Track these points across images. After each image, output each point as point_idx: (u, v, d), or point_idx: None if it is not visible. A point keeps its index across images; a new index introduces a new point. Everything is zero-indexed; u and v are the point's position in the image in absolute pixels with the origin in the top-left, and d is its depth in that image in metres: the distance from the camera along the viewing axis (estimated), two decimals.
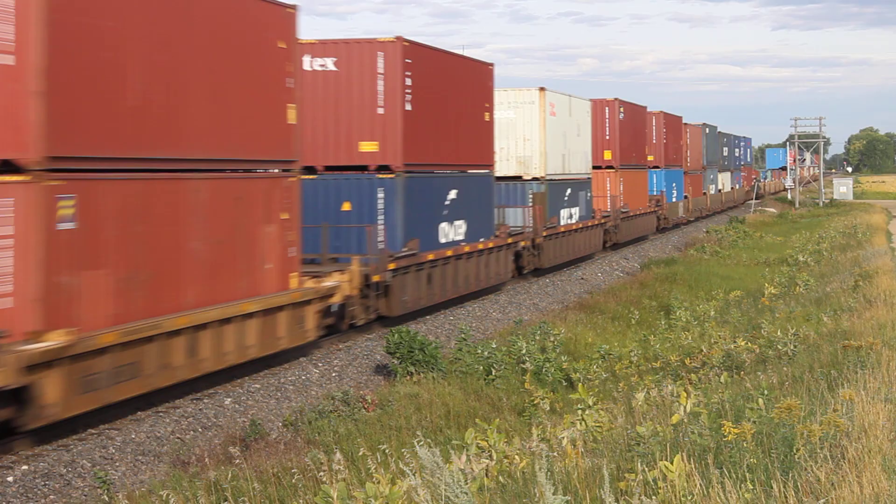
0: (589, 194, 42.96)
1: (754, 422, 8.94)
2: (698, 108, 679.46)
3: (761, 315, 24.39)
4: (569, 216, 39.44)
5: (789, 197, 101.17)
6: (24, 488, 13.89)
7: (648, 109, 57.52)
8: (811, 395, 10.86)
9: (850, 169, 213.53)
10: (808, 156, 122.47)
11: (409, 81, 25.53)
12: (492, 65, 32.36)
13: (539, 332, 23.06)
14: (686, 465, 7.72)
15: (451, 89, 28.86)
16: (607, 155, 47.32)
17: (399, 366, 20.42)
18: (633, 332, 26.52)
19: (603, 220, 44.94)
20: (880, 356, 12.94)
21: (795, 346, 16.73)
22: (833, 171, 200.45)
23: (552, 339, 22.83)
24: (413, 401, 17.97)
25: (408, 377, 19.91)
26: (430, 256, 26.59)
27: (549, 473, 7.64)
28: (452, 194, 28.35)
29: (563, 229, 38.41)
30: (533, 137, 36.58)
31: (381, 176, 24.95)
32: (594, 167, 45.22)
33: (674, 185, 61.10)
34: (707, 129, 74.59)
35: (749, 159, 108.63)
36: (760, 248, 51.79)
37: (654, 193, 56.86)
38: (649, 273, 39.24)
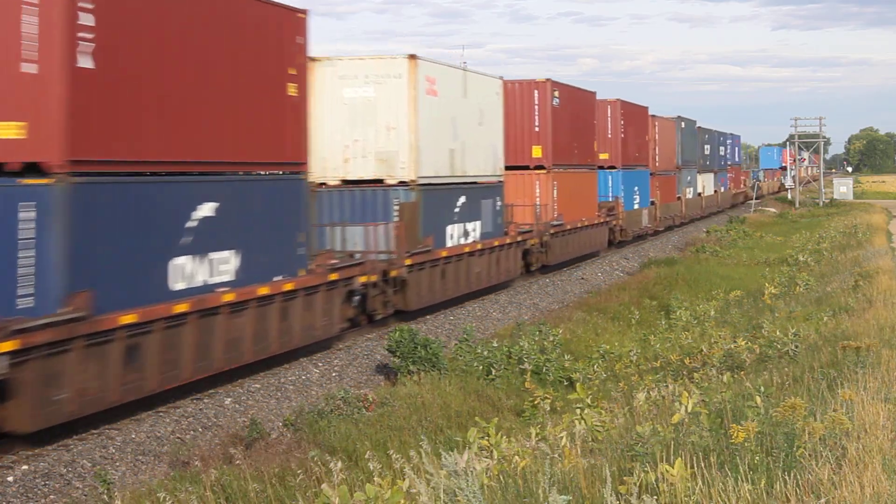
0: (499, 203, 32.81)
1: (756, 421, 8.94)
2: (698, 108, 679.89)
3: (761, 315, 24.39)
4: (462, 234, 29.56)
5: (789, 197, 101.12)
6: (24, 488, 13.89)
7: (606, 98, 48.93)
8: (811, 395, 10.86)
9: (850, 169, 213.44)
10: (805, 155, 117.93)
11: (83, 19, 15.02)
12: (304, 12, 21.16)
13: (539, 332, 23.06)
14: (687, 465, 7.72)
15: (199, 40, 17.94)
16: (536, 152, 37.49)
17: (400, 364, 20.41)
18: (634, 332, 26.52)
19: (522, 238, 34.52)
20: (880, 356, 12.94)
21: (796, 346, 16.73)
22: (833, 171, 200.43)
23: (552, 338, 22.83)
24: (414, 400, 17.97)
25: (408, 376, 19.91)
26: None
27: (549, 474, 7.64)
28: (204, 210, 17.94)
29: (445, 253, 27.98)
30: (400, 125, 26.22)
31: (26, 182, 14.72)
32: (515, 167, 36.16)
33: (636, 188, 51.36)
34: (683, 124, 64.56)
35: (738, 159, 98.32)
36: (760, 247, 51.79)
37: (607, 199, 47.34)
38: (649, 273, 39.24)
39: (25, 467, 14.40)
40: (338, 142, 26.23)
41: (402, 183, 26.23)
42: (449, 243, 28.60)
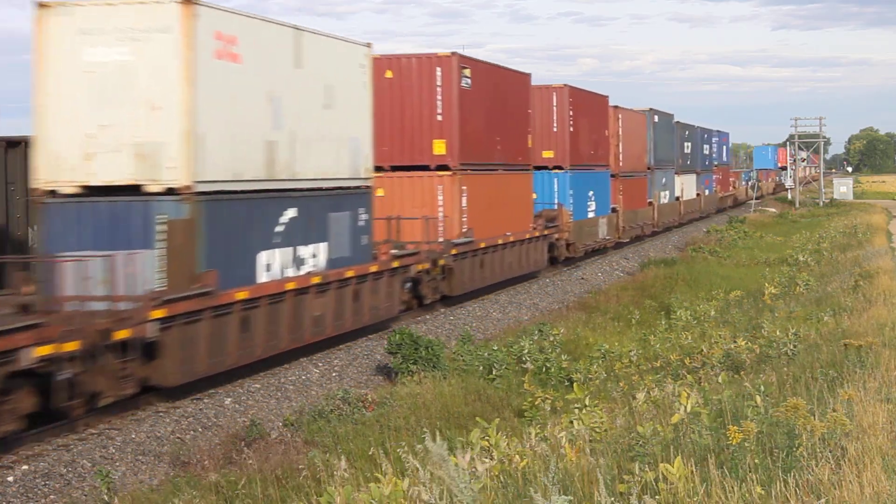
0: (364, 218, 24.07)
1: (755, 421, 8.94)
2: (698, 108, 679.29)
3: (761, 315, 24.39)
4: (291, 263, 20.82)
5: (789, 197, 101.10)
6: (24, 488, 13.89)
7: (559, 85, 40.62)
8: (811, 395, 10.86)
9: (850, 169, 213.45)
10: (803, 155, 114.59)
11: None
12: None
13: (539, 332, 23.06)
14: (687, 465, 7.72)
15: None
16: (439, 148, 28.65)
17: (401, 364, 20.41)
18: (634, 332, 26.52)
19: (402, 264, 25.77)
20: (880, 356, 12.94)
21: (795, 346, 16.73)
22: (833, 171, 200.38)
23: (552, 338, 22.82)
24: (414, 400, 17.97)
25: (409, 376, 19.91)
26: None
27: (549, 473, 7.64)
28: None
29: (246, 294, 19.04)
30: (168, 103, 17.72)
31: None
32: (411, 168, 28.76)
33: (590, 193, 42.57)
34: (656, 118, 55.72)
35: (726, 158, 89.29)
36: (760, 247, 51.79)
37: (550, 207, 38.50)
38: (649, 273, 39.24)
39: (25, 467, 14.41)
40: (77, 129, 17.76)
41: (169, 190, 17.54)
42: (263, 277, 19.73)
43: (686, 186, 65.54)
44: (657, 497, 7.50)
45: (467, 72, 29.61)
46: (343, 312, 22.83)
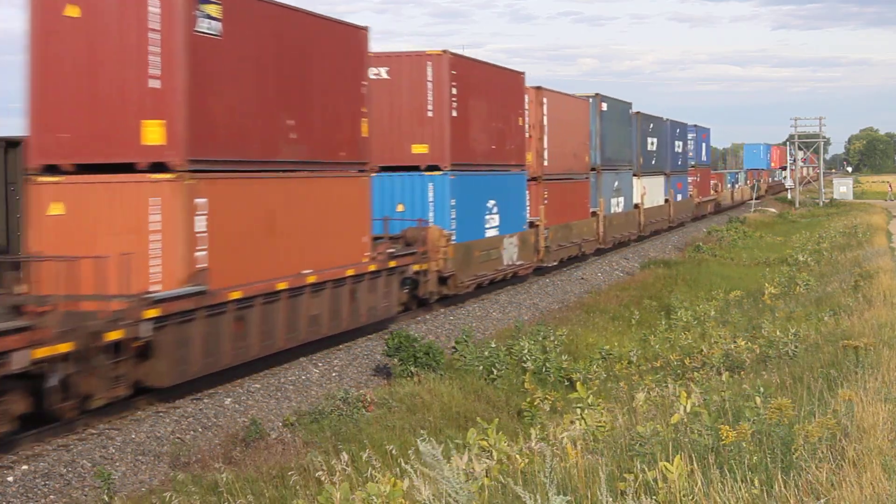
0: None
1: (753, 421, 8.95)
2: (698, 108, 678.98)
3: (761, 315, 24.39)
4: None
5: (789, 197, 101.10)
6: (24, 488, 13.89)
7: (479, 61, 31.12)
8: (811, 395, 10.86)
9: (850, 169, 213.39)
10: (800, 154, 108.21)
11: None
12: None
13: (540, 332, 23.06)
14: (687, 465, 7.72)
15: None
16: (152, 133, 17.30)
17: (400, 366, 20.41)
18: (634, 332, 26.53)
19: None
20: (880, 356, 12.94)
21: (795, 346, 16.73)
22: (833, 171, 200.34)
23: (552, 339, 22.82)
24: (413, 401, 17.97)
25: (408, 377, 19.91)
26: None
27: (550, 473, 7.64)
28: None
29: None
30: None
31: None
32: (110, 168, 17.47)
33: (490, 204, 31.14)
34: (605, 106, 45.15)
35: (705, 158, 77.22)
36: (760, 248, 51.80)
37: (415, 226, 27.11)
38: (649, 273, 39.23)
39: (25, 467, 14.41)
40: None
41: None
42: None
43: (650, 191, 54.43)
44: (656, 497, 7.50)
45: (212, 9, 17.85)
46: None
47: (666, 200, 59.12)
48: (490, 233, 31.44)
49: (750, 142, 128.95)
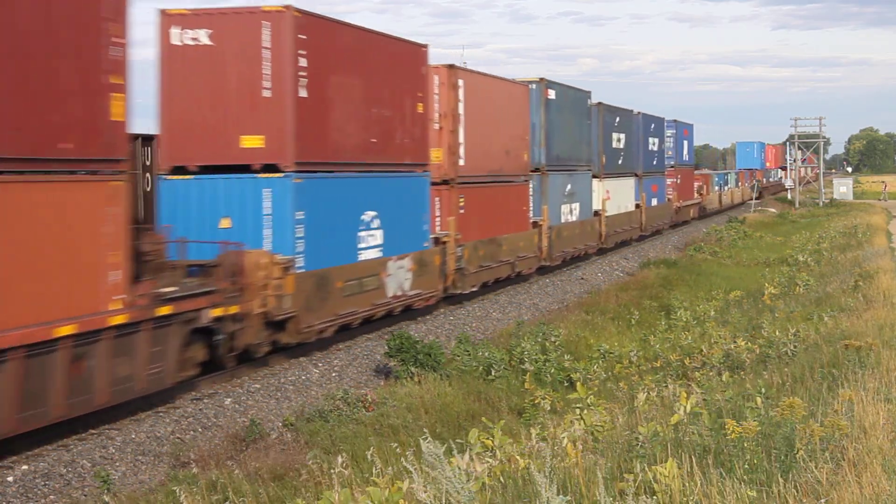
0: None
1: (755, 420, 8.95)
2: (698, 108, 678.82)
3: (761, 315, 24.39)
4: None
5: (789, 197, 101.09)
6: (24, 488, 13.89)
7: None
8: (811, 396, 10.86)
9: (850, 169, 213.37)
10: (798, 154, 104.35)
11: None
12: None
13: (540, 332, 23.06)
14: (686, 465, 7.72)
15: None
16: None
17: (400, 367, 20.40)
18: (634, 333, 26.53)
19: None
20: (880, 356, 12.94)
21: (795, 346, 16.73)
22: (833, 171, 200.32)
23: (552, 339, 22.82)
24: (413, 401, 17.97)
25: (408, 378, 19.91)
26: None
27: (550, 473, 7.64)
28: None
29: None
30: None
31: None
32: None
33: (369, 217, 23.88)
34: (552, 94, 37.21)
35: (688, 157, 69.13)
36: (760, 248, 51.79)
37: (227, 251, 19.48)
38: (649, 273, 39.22)
39: (25, 467, 14.41)
40: None
41: None
42: None
43: (616, 195, 47.25)
44: (655, 497, 7.50)
45: None
46: None
47: (637, 206, 51.53)
48: (366, 255, 23.34)
49: (751, 142, 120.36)
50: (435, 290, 27.45)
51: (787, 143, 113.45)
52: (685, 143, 67.93)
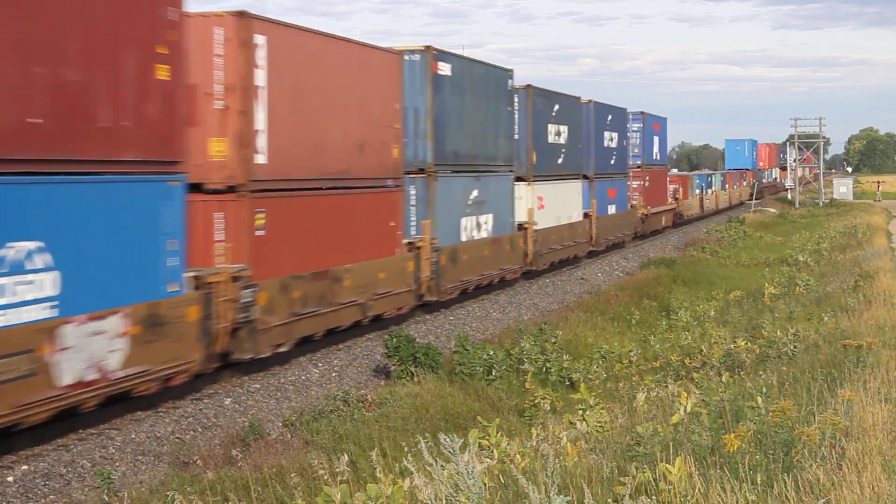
0: None
1: (753, 422, 8.95)
2: (699, 108, 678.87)
3: (761, 315, 24.40)
4: None
5: (789, 197, 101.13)
6: (24, 488, 13.89)
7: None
8: (811, 395, 10.86)
9: (849, 169, 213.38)
10: (793, 152, 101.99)
11: None
12: None
13: (539, 333, 23.06)
14: (686, 465, 7.72)
15: None
16: None
17: (399, 367, 20.41)
18: (634, 333, 26.53)
19: None
20: (880, 356, 12.95)
21: (795, 346, 16.74)
22: (833, 171, 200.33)
23: (552, 339, 22.82)
24: (413, 401, 17.98)
25: (408, 377, 19.92)
26: None
27: (550, 473, 7.65)
28: None
29: None
30: None
31: None
32: None
33: (18, 254, 13.35)
34: (444, 67, 27.88)
35: (659, 156, 58.74)
36: (760, 248, 51.81)
37: None
38: (649, 273, 39.23)
39: (25, 467, 14.41)
40: None
41: None
42: None
43: (553, 203, 37.55)
44: (656, 497, 7.50)
45: None
46: None
47: (586, 215, 42.42)
48: (19, 317, 13.44)
49: (741, 139, 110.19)
50: (185, 366, 17.05)
51: (788, 143, 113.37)
52: (656, 139, 57.36)
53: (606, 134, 45.68)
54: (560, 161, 38.86)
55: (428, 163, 27.07)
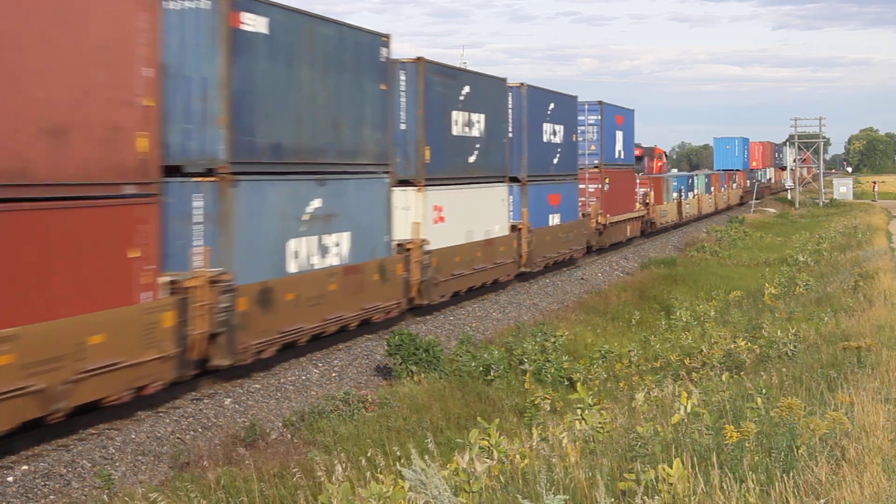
0: None
1: (755, 421, 8.95)
2: (698, 108, 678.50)
3: (761, 315, 24.40)
4: None
5: (789, 197, 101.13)
6: (24, 488, 13.89)
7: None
8: (811, 396, 10.87)
9: (849, 169, 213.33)
10: (789, 152, 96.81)
11: None
12: None
13: (539, 333, 23.06)
14: (686, 465, 7.72)
15: None
16: None
17: (400, 366, 20.42)
18: (634, 333, 26.53)
19: None
20: (880, 356, 12.96)
21: (796, 347, 16.75)
22: (833, 171, 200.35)
23: (552, 340, 22.82)
24: (414, 401, 17.98)
25: (408, 377, 19.92)
26: None
27: (549, 474, 7.65)
28: None
29: None
30: None
31: None
32: None
33: None
34: (258, 21, 18.87)
35: (623, 155, 47.93)
36: (760, 248, 51.80)
37: None
38: (648, 273, 39.22)
39: (25, 467, 14.41)
40: None
41: None
42: None
43: (459, 214, 28.72)
44: (657, 497, 7.51)
45: None
46: None
47: (514, 228, 33.49)
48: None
49: (731, 137, 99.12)
50: None
51: (787, 143, 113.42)
52: (619, 134, 47.33)
53: (547, 126, 36.63)
54: (472, 160, 29.92)
55: (219, 160, 18.28)
